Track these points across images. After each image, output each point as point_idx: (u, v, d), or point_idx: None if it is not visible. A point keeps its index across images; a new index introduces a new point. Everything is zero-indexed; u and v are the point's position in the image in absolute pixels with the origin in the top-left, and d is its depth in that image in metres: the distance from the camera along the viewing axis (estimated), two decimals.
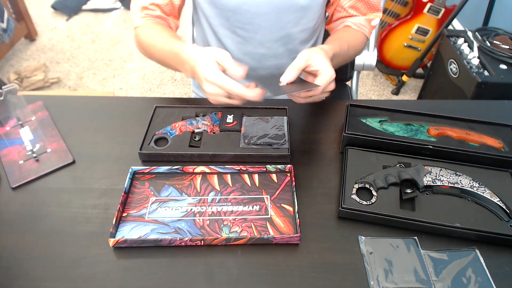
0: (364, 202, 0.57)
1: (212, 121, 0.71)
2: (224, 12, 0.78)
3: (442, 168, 0.62)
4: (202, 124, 0.70)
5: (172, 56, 0.70)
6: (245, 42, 0.82)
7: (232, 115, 0.72)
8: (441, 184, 0.59)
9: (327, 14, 0.89)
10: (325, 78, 0.61)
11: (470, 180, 0.60)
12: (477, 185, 0.59)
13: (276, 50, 0.83)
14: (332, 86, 0.64)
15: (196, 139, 0.68)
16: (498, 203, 0.57)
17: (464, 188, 0.59)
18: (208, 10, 0.80)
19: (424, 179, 0.59)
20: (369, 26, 0.84)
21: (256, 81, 0.64)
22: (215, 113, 0.73)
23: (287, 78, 0.60)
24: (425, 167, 0.62)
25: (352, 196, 0.58)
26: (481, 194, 0.58)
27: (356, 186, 0.60)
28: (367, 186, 0.60)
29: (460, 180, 0.60)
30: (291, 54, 0.85)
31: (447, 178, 0.60)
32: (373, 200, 0.58)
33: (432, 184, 0.59)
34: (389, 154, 0.64)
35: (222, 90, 0.59)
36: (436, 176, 0.60)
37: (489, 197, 0.58)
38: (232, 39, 0.82)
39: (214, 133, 0.69)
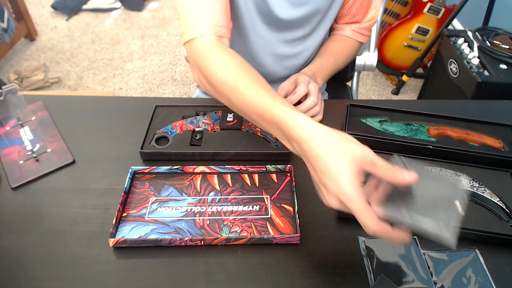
0: None
1: (213, 120, 0.71)
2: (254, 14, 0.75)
3: (442, 168, 0.62)
4: (203, 123, 0.70)
5: (268, 121, 0.49)
6: (265, 42, 0.80)
7: (233, 114, 0.72)
8: None
9: None
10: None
11: (470, 180, 0.60)
12: (477, 185, 0.59)
13: (295, 49, 0.84)
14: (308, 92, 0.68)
15: (196, 138, 0.69)
16: (498, 203, 0.57)
17: (464, 188, 0.59)
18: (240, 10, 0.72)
19: None
20: (367, 32, 0.87)
21: None
22: (215, 112, 0.73)
23: None
24: (425, 167, 0.61)
25: None
26: (481, 194, 0.58)
27: None
28: None
29: (460, 180, 0.60)
30: (307, 52, 0.86)
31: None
32: None
33: None
34: (389, 154, 0.64)
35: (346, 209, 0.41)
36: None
37: (489, 197, 0.58)
38: (254, 41, 0.79)
39: (214, 131, 0.69)
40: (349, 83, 1.21)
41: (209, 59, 0.56)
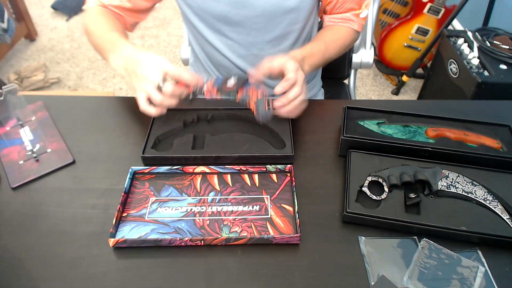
0: (374, 197, 0.57)
1: (214, 84, 0.65)
2: (212, 18, 0.78)
3: (459, 175, 0.61)
4: (206, 85, 0.64)
5: (107, 41, 0.70)
6: (237, 45, 0.82)
7: (233, 80, 0.65)
8: (456, 191, 0.58)
9: (320, 3, 0.87)
10: (289, 67, 0.64)
11: (484, 192, 0.59)
12: (490, 198, 0.58)
13: (268, 51, 0.83)
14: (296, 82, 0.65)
15: (190, 98, 0.64)
16: (508, 221, 0.56)
17: (477, 199, 0.58)
18: (194, 17, 0.80)
19: (439, 183, 0.59)
20: (357, 19, 0.83)
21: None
22: (222, 77, 0.66)
23: (254, 73, 0.66)
24: (443, 170, 0.61)
25: (363, 188, 0.58)
26: (493, 208, 0.57)
27: (370, 178, 0.59)
28: (380, 180, 0.60)
29: (475, 191, 0.59)
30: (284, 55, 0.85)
31: (463, 186, 0.59)
32: (383, 196, 0.58)
33: (446, 189, 0.58)
34: (389, 157, 0.64)
35: (158, 72, 0.59)
36: (451, 182, 0.59)
37: (499, 213, 0.56)
38: (224, 42, 0.82)
39: (211, 94, 0.64)
40: (346, 81, 1.20)
41: (89, 18, 0.78)
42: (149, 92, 0.60)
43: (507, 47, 1.45)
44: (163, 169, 0.63)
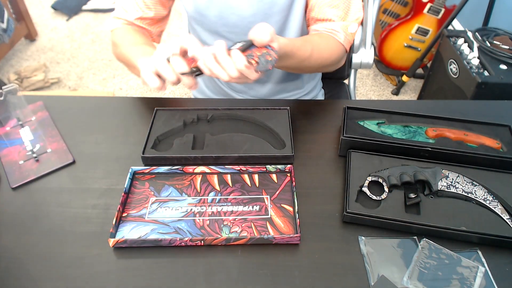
0: (374, 197, 0.58)
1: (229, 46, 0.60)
2: (208, 21, 0.78)
3: (459, 175, 0.61)
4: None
5: (137, 51, 0.72)
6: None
7: (241, 44, 0.59)
8: (456, 191, 0.58)
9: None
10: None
11: (484, 192, 0.59)
12: (490, 198, 0.58)
13: None
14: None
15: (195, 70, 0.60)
16: (508, 221, 0.56)
17: (477, 199, 0.58)
18: (193, 21, 0.81)
19: (439, 183, 0.59)
20: (344, 32, 0.76)
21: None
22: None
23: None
24: (443, 170, 0.61)
25: (363, 188, 0.58)
26: (493, 208, 0.57)
27: (370, 178, 0.59)
28: (380, 180, 0.60)
29: (475, 191, 0.59)
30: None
31: (463, 186, 0.59)
32: (384, 196, 0.58)
33: (446, 190, 0.58)
34: (388, 157, 0.64)
35: (168, 48, 0.58)
36: (451, 182, 0.59)
37: (499, 213, 0.56)
38: None
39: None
40: (346, 81, 1.20)
41: (117, 36, 0.82)
42: (155, 62, 0.58)
43: (507, 47, 1.45)
44: (163, 169, 0.63)
